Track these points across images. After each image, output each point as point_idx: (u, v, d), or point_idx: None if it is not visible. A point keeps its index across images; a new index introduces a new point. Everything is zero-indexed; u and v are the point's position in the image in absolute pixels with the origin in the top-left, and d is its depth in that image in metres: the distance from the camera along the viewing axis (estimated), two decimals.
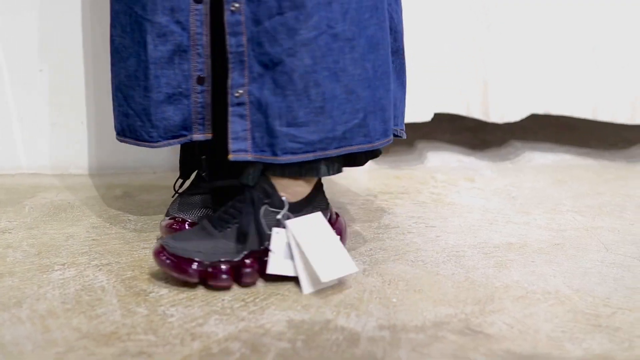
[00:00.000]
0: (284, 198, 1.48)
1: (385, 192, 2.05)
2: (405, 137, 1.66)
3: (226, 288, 1.44)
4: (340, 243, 1.49)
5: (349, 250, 1.62)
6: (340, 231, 1.58)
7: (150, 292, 1.43)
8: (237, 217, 1.48)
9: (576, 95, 2.30)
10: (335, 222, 1.59)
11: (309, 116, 1.43)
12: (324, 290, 1.45)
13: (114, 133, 2.13)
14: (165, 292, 1.43)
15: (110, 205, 1.91)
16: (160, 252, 1.44)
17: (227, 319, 1.33)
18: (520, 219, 1.87)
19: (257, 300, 1.40)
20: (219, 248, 1.45)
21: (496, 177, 2.23)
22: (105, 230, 1.74)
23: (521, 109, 2.29)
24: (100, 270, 1.53)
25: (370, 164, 2.27)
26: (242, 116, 1.45)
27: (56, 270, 1.52)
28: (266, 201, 1.47)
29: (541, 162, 2.40)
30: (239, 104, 1.44)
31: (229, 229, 1.47)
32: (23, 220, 1.80)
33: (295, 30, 1.40)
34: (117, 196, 1.99)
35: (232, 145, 1.46)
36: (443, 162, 2.37)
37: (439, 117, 2.39)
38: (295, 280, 1.46)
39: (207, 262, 1.43)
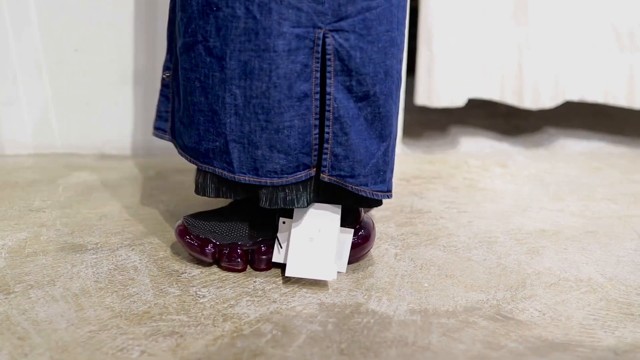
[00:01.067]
0: None
1: (418, 176, 2.04)
2: (385, 199, 1.45)
3: (238, 271, 1.45)
4: (334, 244, 1.42)
5: (380, 235, 1.63)
6: (365, 237, 1.50)
7: (182, 273, 1.43)
8: (256, 204, 1.49)
9: (611, 82, 2.28)
10: (360, 225, 1.51)
11: (186, 121, 1.41)
12: (355, 274, 1.45)
13: (148, 114, 2.15)
14: (197, 273, 1.43)
15: (143, 185, 1.92)
16: (179, 229, 1.47)
17: (259, 300, 1.33)
18: (554, 205, 1.86)
19: (289, 282, 1.41)
20: (235, 231, 1.46)
21: (529, 164, 2.22)
22: (138, 211, 1.75)
23: (556, 95, 2.28)
24: (133, 250, 1.53)
25: (402, 148, 2.27)
26: (167, 98, 1.50)
27: (89, 250, 1.53)
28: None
29: (575, 149, 2.38)
30: (166, 86, 1.50)
31: (248, 215, 1.48)
32: (57, 200, 1.81)
33: (181, 32, 1.37)
34: (150, 177, 1.99)
35: (155, 123, 1.52)
36: (476, 147, 2.36)
37: (472, 103, 2.38)
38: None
39: (222, 244, 1.45)
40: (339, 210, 1.43)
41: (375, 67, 1.34)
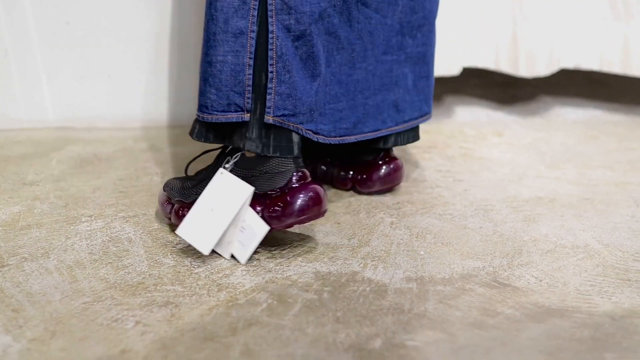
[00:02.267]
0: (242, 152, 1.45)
1: (414, 146, 2.03)
2: (313, 140, 1.48)
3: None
4: (225, 224, 1.37)
5: (376, 203, 1.62)
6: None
7: (177, 244, 1.43)
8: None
9: (606, 50, 2.27)
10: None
11: None
12: (350, 242, 1.44)
13: (140, 86, 2.13)
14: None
15: (137, 158, 1.91)
16: (162, 193, 1.52)
17: (254, 270, 1.33)
18: (550, 173, 1.86)
19: (284, 252, 1.40)
20: (187, 190, 1.47)
21: (526, 132, 2.21)
22: (132, 183, 1.74)
23: (551, 63, 2.27)
24: (127, 221, 1.53)
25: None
26: None
27: (83, 222, 1.52)
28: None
29: (571, 118, 2.37)
30: None
31: (201, 174, 1.50)
32: (50, 173, 1.80)
33: None
34: (143, 149, 1.98)
35: None
36: (472, 116, 2.35)
37: (467, 73, 2.37)
38: (321, 234, 1.49)
39: (174, 201, 1.47)
40: (249, 194, 1.37)
41: (311, 7, 1.38)
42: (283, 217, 1.37)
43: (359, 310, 1.20)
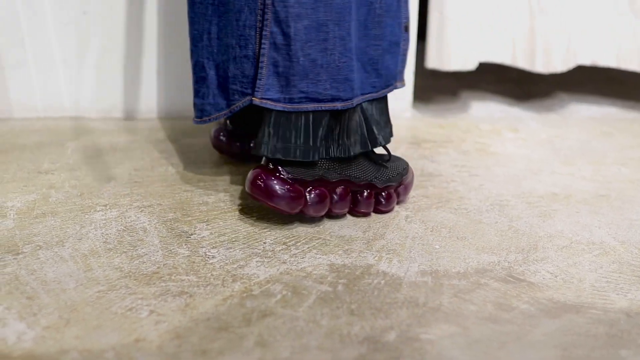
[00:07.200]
0: None
1: (429, 140, 2.03)
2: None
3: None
4: None
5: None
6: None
7: (191, 234, 1.43)
8: None
9: (624, 47, 2.26)
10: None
11: None
12: (365, 235, 1.44)
13: (156, 77, 2.13)
14: (207, 234, 1.43)
15: (152, 148, 1.91)
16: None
17: (269, 261, 1.33)
18: (565, 169, 1.85)
19: (299, 244, 1.40)
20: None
21: (541, 128, 2.20)
22: (147, 173, 1.74)
23: (567, 59, 2.26)
24: (142, 211, 1.53)
25: (413, 112, 2.26)
26: None
27: (98, 211, 1.52)
28: None
29: (587, 115, 2.37)
30: None
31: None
32: (66, 162, 1.80)
33: None
34: (159, 139, 1.98)
35: None
36: (487, 112, 2.35)
37: (483, 68, 2.36)
38: (336, 226, 1.48)
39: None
40: None
41: None
42: None
43: (373, 303, 1.20)
